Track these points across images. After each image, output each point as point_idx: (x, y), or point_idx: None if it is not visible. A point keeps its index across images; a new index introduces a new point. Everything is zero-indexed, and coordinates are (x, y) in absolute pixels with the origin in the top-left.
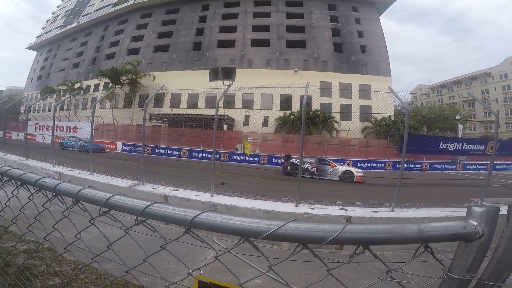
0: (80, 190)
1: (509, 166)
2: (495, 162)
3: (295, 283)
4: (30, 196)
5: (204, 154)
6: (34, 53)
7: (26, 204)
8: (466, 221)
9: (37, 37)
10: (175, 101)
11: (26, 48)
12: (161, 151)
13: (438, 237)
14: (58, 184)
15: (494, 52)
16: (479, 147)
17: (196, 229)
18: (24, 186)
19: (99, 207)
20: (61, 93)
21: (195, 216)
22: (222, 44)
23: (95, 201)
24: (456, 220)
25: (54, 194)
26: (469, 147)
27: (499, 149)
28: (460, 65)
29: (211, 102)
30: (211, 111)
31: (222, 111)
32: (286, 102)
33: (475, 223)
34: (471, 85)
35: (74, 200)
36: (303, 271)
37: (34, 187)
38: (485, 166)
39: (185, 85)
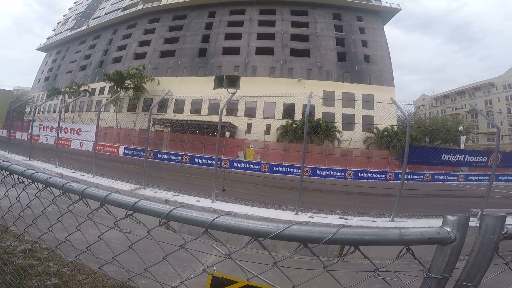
0: (107, 195)
1: (511, 178)
2: (497, 173)
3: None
4: (53, 198)
5: (206, 161)
6: (43, 54)
7: (48, 206)
8: (441, 228)
9: (48, 38)
10: (179, 106)
11: (36, 49)
12: (163, 156)
13: (416, 240)
14: (85, 189)
15: (501, 61)
16: (481, 159)
17: (213, 230)
18: (48, 188)
19: (124, 210)
20: (67, 95)
21: (214, 219)
22: (227, 51)
23: (123, 205)
24: (433, 227)
25: (80, 197)
26: (472, 158)
27: (502, 161)
28: (466, 75)
29: (214, 108)
30: (213, 118)
31: (224, 118)
32: (288, 110)
33: (448, 229)
34: (475, 95)
35: (101, 203)
36: (302, 278)
37: (60, 191)
38: (487, 177)
39: (189, 91)
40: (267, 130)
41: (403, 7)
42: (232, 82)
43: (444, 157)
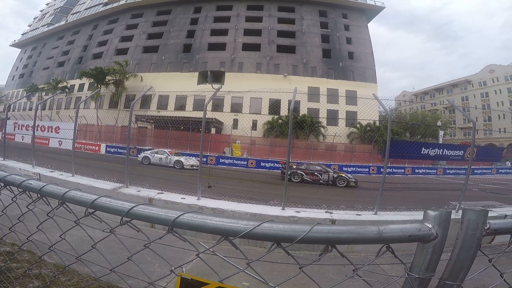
0: (66, 192)
1: (486, 171)
2: (473, 167)
3: (280, 285)
4: (13, 197)
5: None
6: (17, 50)
7: (9, 205)
8: (422, 224)
9: (23, 34)
10: (163, 102)
11: (10, 45)
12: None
13: (396, 238)
14: (43, 186)
15: (480, 59)
16: (458, 153)
17: (180, 229)
18: (8, 187)
19: (85, 209)
20: (44, 92)
21: (178, 217)
22: (213, 47)
23: (82, 203)
24: (413, 223)
25: (39, 195)
26: (449, 152)
27: (477, 155)
28: (446, 72)
29: (199, 104)
30: (199, 114)
31: (210, 114)
32: (274, 106)
33: (429, 225)
34: (452, 92)
35: (60, 201)
36: (289, 273)
37: (19, 189)
38: (464, 171)
39: (173, 87)
40: (254, 125)
41: (389, 5)
42: (217, 77)
43: (424, 151)
